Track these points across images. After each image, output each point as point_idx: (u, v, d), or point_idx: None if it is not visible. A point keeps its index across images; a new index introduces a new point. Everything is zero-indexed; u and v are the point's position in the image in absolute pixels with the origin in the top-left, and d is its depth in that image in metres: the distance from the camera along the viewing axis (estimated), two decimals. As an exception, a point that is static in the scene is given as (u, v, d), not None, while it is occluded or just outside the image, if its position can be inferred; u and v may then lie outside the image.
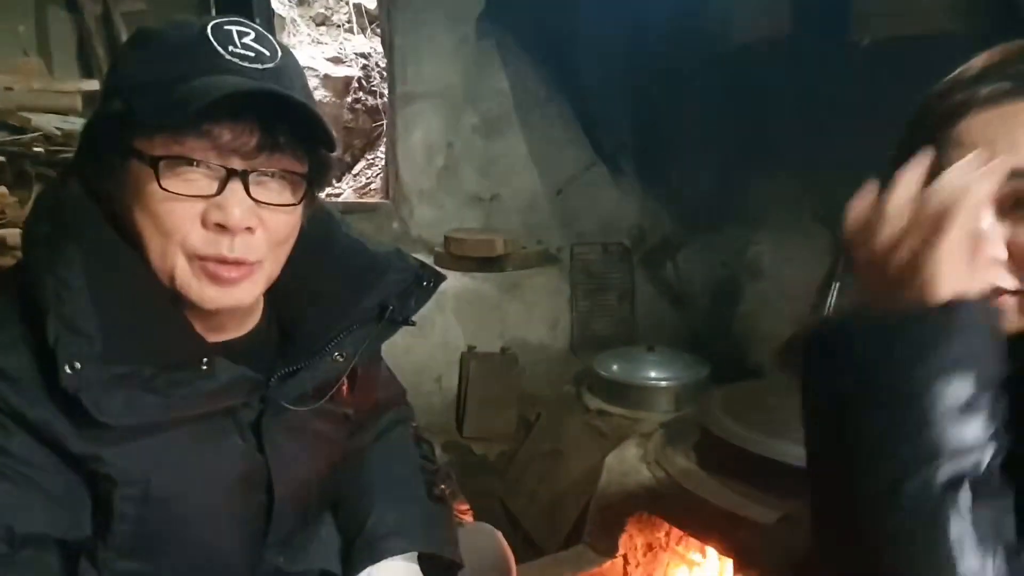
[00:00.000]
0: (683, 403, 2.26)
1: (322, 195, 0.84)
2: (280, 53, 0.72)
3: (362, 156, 4.46)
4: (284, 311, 0.85)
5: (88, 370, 0.65)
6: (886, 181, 0.69)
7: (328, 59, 4.55)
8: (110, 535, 0.71)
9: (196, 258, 0.69)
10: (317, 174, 0.75)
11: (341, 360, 0.83)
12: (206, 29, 0.69)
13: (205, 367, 0.72)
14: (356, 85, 4.49)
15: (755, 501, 1.50)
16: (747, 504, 1.50)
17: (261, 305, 0.83)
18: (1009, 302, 0.64)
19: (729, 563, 1.56)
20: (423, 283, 0.88)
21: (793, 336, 2.35)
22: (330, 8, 4.68)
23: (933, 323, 0.55)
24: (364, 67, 4.56)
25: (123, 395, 0.67)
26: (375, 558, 0.89)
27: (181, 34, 0.69)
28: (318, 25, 4.66)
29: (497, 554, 1.11)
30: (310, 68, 4.43)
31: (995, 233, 0.63)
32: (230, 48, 0.69)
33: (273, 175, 0.71)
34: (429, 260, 2.94)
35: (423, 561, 0.93)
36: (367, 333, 0.85)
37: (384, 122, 3.82)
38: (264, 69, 0.69)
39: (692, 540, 1.74)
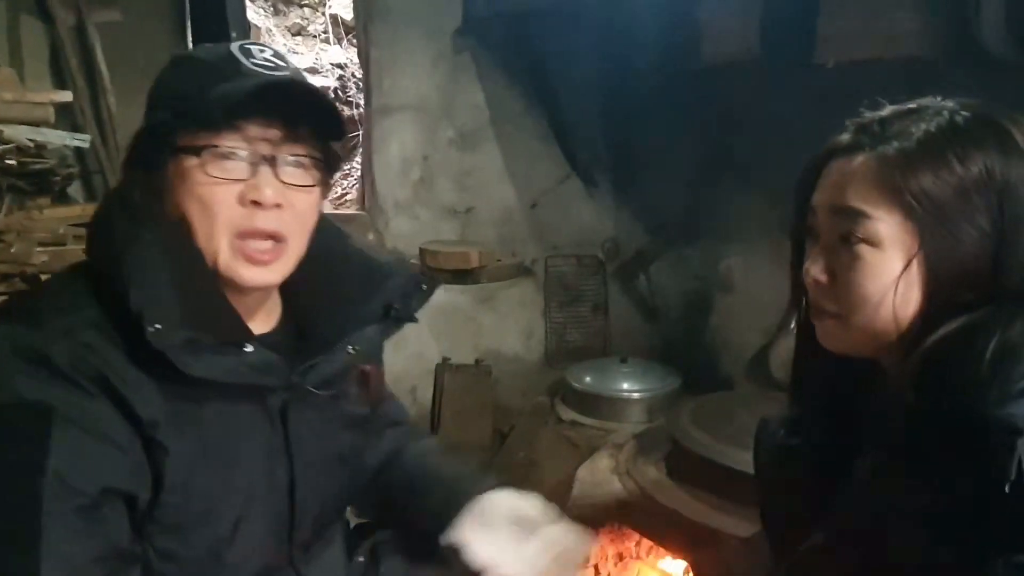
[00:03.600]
0: (655, 414, 2.29)
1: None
2: (292, 64, 0.87)
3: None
4: (300, 312, 0.97)
5: (167, 330, 0.76)
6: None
7: (304, 69, 4.55)
8: (158, 506, 0.79)
9: (236, 238, 0.82)
10: (330, 161, 0.90)
11: (353, 353, 0.94)
12: (231, 47, 0.85)
13: (247, 349, 0.84)
14: (332, 96, 4.49)
15: (724, 512, 1.54)
16: (714, 514, 1.54)
17: (280, 305, 0.96)
18: (829, 324, 0.72)
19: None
20: (422, 286, 1.00)
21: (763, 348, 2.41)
22: (306, 19, 4.67)
23: None
24: (340, 77, 4.57)
25: (192, 352, 0.78)
26: (475, 492, 0.99)
27: (212, 52, 0.86)
28: (294, 35, 4.66)
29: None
30: (286, 78, 4.41)
31: (824, 260, 0.72)
32: (251, 60, 0.84)
33: (296, 161, 0.85)
34: (404, 272, 2.95)
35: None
36: (375, 330, 0.97)
37: (360, 133, 3.82)
38: (281, 75, 0.84)
39: (662, 550, 1.76)
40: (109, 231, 0.83)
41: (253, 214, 0.82)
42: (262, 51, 0.85)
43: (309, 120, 0.85)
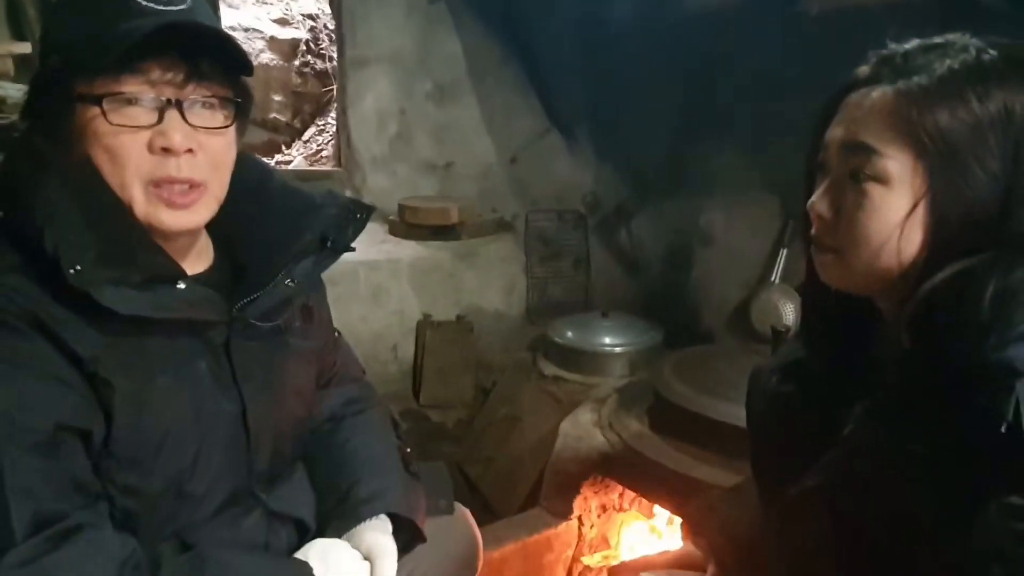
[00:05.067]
0: (637, 368, 2.30)
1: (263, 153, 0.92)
2: None
3: (312, 122, 4.36)
4: (233, 252, 0.96)
5: (87, 271, 0.74)
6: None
7: (274, 20, 4.41)
8: (112, 441, 0.78)
9: (151, 185, 0.80)
10: (243, 99, 0.87)
11: (292, 286, 0.93)
12: None
13: (180, 286, 0.83)
14: (304, 48, 4.37)
15: (704, 462, 1.55)
16: (697, 465, 1.55)
17: (211, 247, 0.95)
18: (829, 259, 0.73)
19: (679, 521, 1.61)
20: (357, 216, 0.99)
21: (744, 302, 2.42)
22: (276, -33, 4.53)
23: None
24: (312, 29, 4.44)
25: (119, 291, 0.76)
26: (357, 519, 0.96)
27: None
28: (264, -16, 4.51)
29: (468, 540, 1.18)
30: (255, 29, 4.29)
31: (831, 195, 0.72)
32: None
33: (204, 103, 0.82)
34: (383, 228, 2.92)
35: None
36: (311, 261, 0.95)
37: (334, 87, 3.73)
38: (178, 10, 0.80)
39: (644, 501, 1.79)
40: (15, 178, 0.80)
41: (165, 161, 0.80)
42: None
43: (213, 57, 0.81)
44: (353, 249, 1.00)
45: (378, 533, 0.96)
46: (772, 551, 0.84)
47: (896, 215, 0.68)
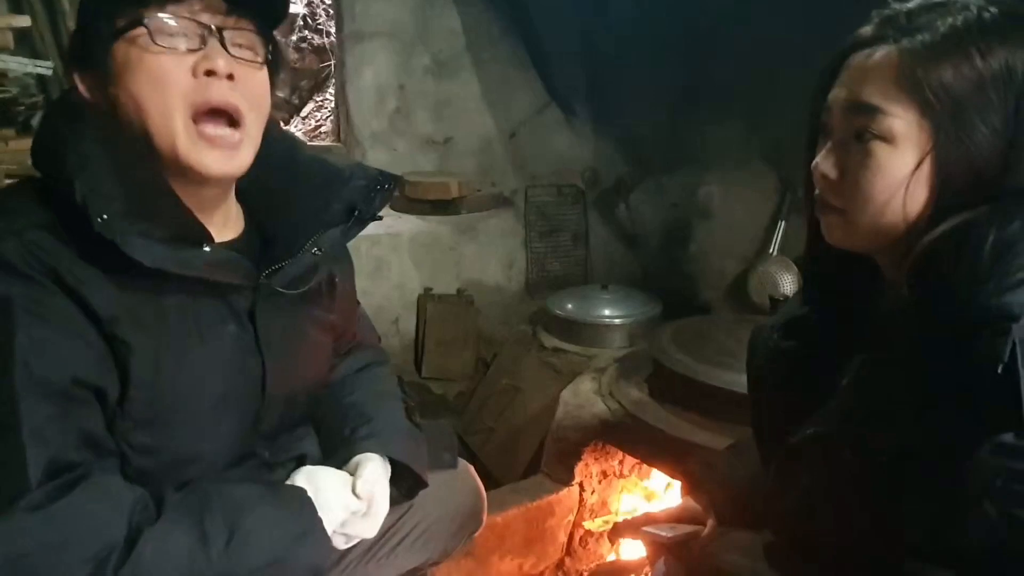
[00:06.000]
0: (636, 340, 2.33)
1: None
2: None
3: (310, 98, 4.35)
4: (262, 220, 0.97)
5: (113, 221, 0.75)
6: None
7: (271, -5, 4.37)
8: (127, 401, 0.80)
9: (192, 121, 0.81)
10: (275, 51, 0.90)
11: (319, 255, 0.94)
12: None
13: (205, 248, 0.84)
14: (301, 23, 4.34)
15: (703, 428, 1.59)
16: (695, 431, 1.59)
17: (242, 216, 0.96)
18: (834, 220, 0.74)
19: (678, 485, 1.65)
20: (384, 186, 1.00)
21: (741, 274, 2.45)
22: (271, -59, 4.48)
23: None
24: (309, 3, 4.41)
25: (145, 243, 0.77)
26: (351, 454, 0.99)
27: None
28: (259, -41, 4.47)
29: (472, 492, 1.21)
30: (252, 5, 4.24)
31: (835, 156, 0.73)
32: None
33: (242, 38, 0.84)
34: (384, 203, 2.92)
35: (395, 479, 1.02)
36: (338, 231, 0.96)
37: (332, 62, 3.72)
38: None
39: (644, 466, 1.83)
40: (51, 133, 0.82)
41: (208, 84, 0.81)
42: None
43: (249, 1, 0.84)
44: (380, 218, 1.01)
45: (368, 453, 0.99)
46: (771, 502, 0.87)
47: (901, 173, 0.69)
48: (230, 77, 0.82)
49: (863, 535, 0.72)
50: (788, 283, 2.28)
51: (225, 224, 0.92)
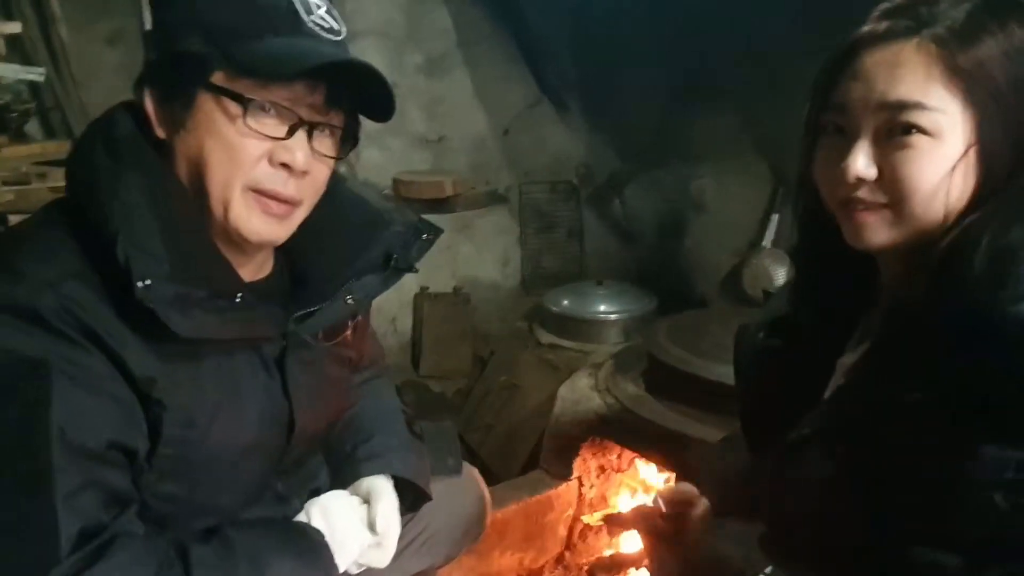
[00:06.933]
0: (632, 335, 2.34)
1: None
2: (341, 23, 0.83)
3: (303, 98, 4.32)
4: (295, 260, 0.94)
5: (156, 286, 0.73)
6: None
7: (262, -4, 4.36)
8: (155, 458, 0.79)
9: (251, 191, 0.79)
10: (355, 133, 0.87)
11: (352, 303, 0.92)
12: None
13: (239, 299, 0.81)
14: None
15: (699, 421, 1.60)
16: (691, 424, 1.60)
17: (272, 254, 0.92)
18: (872, 217, 0.71)
19: (673, 478, 1.66)
20: (423, 235, 0.97)
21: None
22: (261, -59, 4.46)
23: None
24: (300, 4, 4.39)
25: (184, 311, 0.75)
26: (358, 476, 0.99)
27: None
28: (249, -41, 4.45)
29: (477, 499, 1.22)
30: (243, 5, 4.24)
31: (868, 155, 0.70)
32: (311, 16, 0.79)
33: (331, 130, 0.82)
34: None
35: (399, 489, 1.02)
36: (373, 279, 0.94)
37: (324, 62, 3.70)
38: (338, 41, 0.81)
39: (641, 461, 1.84)
40: (92, 172, 0.77)
41: (277, 175, 0.79)
42: (319, 6, 0.80)
43: (354, 92, 0.81)
44: (416, 270, 0.98)
45: (377, 478, 0.99)
46: (763, 496, 0.87)
47: (947, 163, 0.67)
48: (304, 172, 0.80)
49: (859, 530, 0.72)
50: (782, 275, 2.29)
51: (259, 265, 0.90)
